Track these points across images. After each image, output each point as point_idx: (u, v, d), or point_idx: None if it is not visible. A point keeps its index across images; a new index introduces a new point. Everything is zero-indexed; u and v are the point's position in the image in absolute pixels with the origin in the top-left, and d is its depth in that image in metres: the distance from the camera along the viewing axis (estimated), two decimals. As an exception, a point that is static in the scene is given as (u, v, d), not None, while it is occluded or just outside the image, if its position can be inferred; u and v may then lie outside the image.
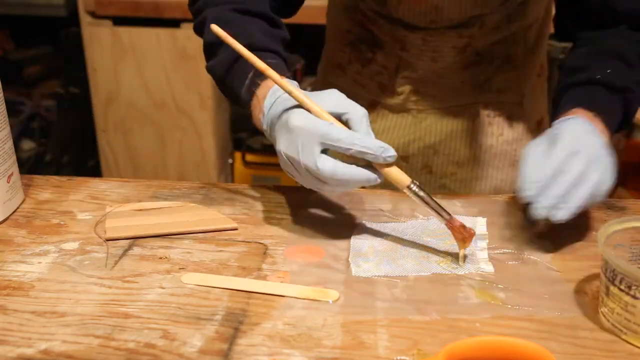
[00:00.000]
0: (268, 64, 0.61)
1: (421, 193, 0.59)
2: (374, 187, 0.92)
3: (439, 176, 0.88)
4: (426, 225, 0.67)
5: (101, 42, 1.93)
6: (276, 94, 0.63)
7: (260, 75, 0.64)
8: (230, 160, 2.10)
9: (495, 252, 0.62)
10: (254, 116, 0.66)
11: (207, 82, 1.90)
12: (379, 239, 0.64)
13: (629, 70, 0.72)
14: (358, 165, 0.58)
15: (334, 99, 0.60)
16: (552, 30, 0.87)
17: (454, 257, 0.60)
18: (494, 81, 0.84)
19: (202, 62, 0.75)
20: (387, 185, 0.63)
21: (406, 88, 0.85)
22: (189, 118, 1.99)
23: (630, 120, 0.73)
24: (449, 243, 0.62)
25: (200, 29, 0.74)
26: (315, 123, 0.57)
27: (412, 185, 0.59)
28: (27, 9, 2.14)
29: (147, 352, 0.47)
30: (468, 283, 0.57)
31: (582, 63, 0.74)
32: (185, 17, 1.88)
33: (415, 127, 0.86)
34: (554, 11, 0.83)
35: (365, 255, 0.61)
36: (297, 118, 0.58)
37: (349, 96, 0.93)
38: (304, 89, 0.62)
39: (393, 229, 0.66)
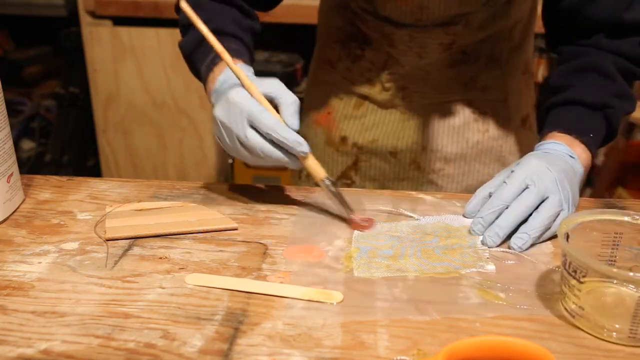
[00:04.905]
0: (227, 47, 0.66)
1: (332, 188, 0.66)
2: (361, 183, 0.92)
3: (426, 172, 0.89)
4: (426, 225, 0.67)
5: (101, 42, 1.93)
6: (229, 74, 0.68)
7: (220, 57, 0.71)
8: (230, 160, 2.10)
9: (495, 251, 0.62)
10: (207, 89, 0.73)
11: (207, 82, 1.90)
12: (379, 239, 0.64)
13: (610, 83, 0.73)
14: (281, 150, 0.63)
15: (271, 83, 0.65)
16: (537, 29, 0.88)
17: (455, 257, 0.60)
18: (479, 79, 0.86)
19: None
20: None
21: (393, 84, 0.86)
22: (189, 118, 1.99)
23: (614, 133, 0.75)
24: (449, 242, 0.63)
25: (178, 9, 0.79)
26: (250, 103, 0.63)
27: (325, 180, 0.65)
28: (27, 9, 2.14)
29: (147, 352, 0.47)
30: (468, 283, 0.57)
31: (563, 81, 0.76)
32: (185, 17, 1.87)
33: (403, 123, 0.88)
34: (539, 10, 0.84)
35: (366, 256, 0.61)
36: (236, 94, 0.64)
37: (339, 91, 0.93)
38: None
39: (393, 228, 0.66)
